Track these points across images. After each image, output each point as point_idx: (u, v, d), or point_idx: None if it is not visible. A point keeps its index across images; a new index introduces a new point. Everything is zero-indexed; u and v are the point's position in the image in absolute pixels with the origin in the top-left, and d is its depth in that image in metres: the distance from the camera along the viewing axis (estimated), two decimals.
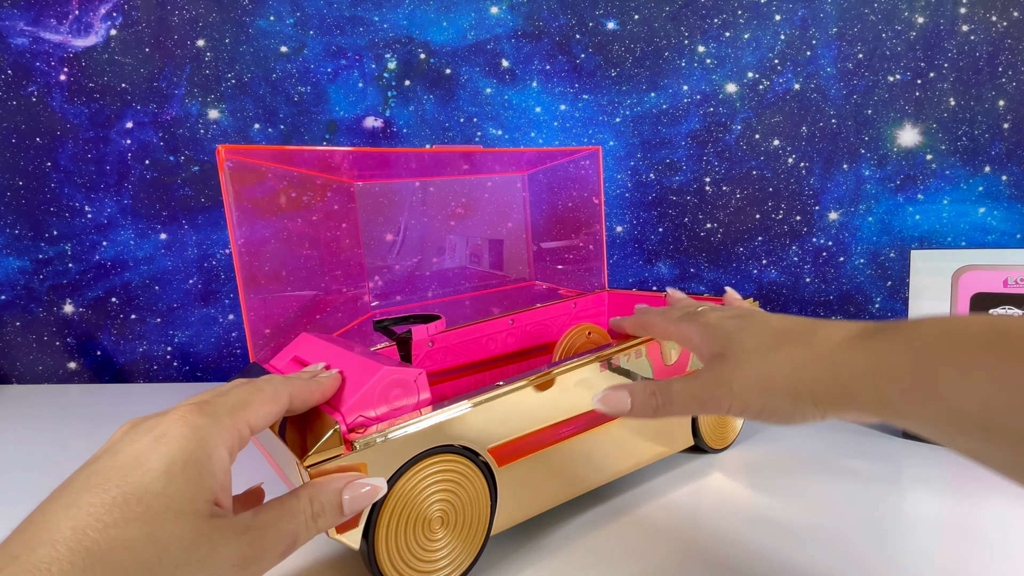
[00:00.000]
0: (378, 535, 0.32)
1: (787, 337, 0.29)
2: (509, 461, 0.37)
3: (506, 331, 0.59)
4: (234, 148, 0.44)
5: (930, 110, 0.72)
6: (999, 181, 0.72)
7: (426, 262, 0.62)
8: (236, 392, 0.27)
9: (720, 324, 0.33)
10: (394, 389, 0.33)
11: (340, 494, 0.28)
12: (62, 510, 0.21)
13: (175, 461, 0.23)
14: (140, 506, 0.21)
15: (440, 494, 0.34)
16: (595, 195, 0.66)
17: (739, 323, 0.32)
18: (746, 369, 0.30)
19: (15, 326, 0.83)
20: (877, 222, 0.75)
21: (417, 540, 0.33)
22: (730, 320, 0.33)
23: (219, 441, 0.25)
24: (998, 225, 0.72)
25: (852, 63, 0.72)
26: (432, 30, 0.76)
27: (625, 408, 0.33)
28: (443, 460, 0.34)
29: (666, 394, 0.32)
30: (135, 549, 0.21)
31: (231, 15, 0.76)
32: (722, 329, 0.32)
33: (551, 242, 0.68)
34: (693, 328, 0.34)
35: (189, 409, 0.25)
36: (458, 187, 0.63)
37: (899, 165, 0.73)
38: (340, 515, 0.28)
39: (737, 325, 0.32)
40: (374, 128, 0.77)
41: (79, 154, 0.79)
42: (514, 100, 0.76)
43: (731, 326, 0.32)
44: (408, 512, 0.33)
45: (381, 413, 0.33)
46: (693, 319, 0.35)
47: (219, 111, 0.77)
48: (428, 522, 0.33)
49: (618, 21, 0.74)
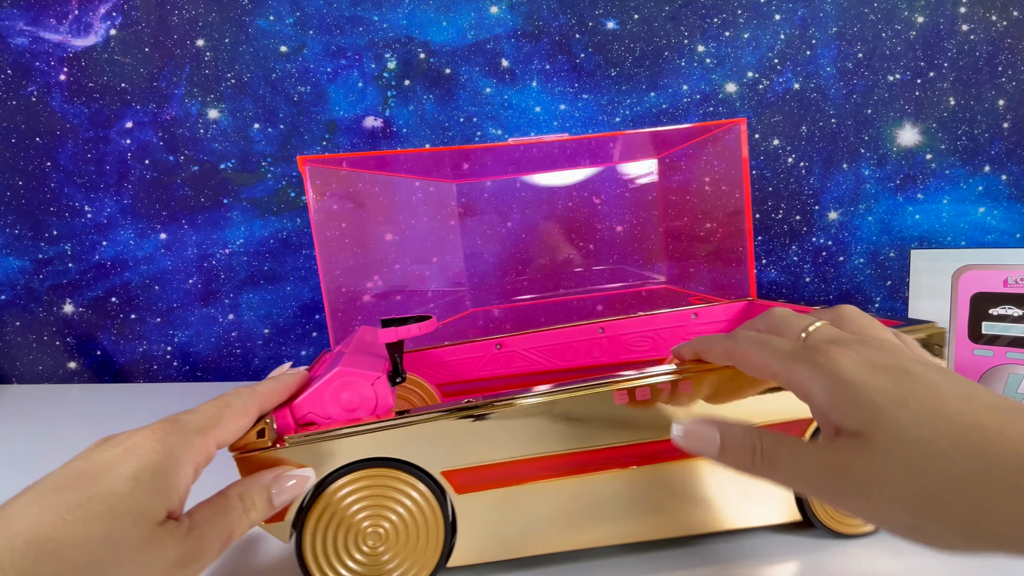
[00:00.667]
0: (304, 536, 0.32)
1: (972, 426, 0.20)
2: (474, 489, 0.32)
3: (592, 340, 0.51)
4: (315, 158, 0.45)
5: (930, 110, 0.72)
6: (999, 181, 0.72)
7: (532, 261, 0.58)
8: (205, 410, 0.28)
9: (862, 379, 0.22)
10: (344, 391, 0.32)
11: (268, 489, 0.29)
12: (25, 507, 0.22)
13: (143, 470, 0.24)
14: (103, 507, 0.22)
15: (374, 508, 0.32)
16: (737, 180, 0.53)
17: (893, 383, 0.22)
18: (899, 472, 0.20)
19: (15, 326, 0.83)
20: (877, 222, 0.74)
21: (347, 549, 0.32)
22: (879, 374, 0.22)
23: (187, 458, 0.26)
24: (998, 225, 0.72)
25: (852, 63, 0.72)
26: (432, 30, 0.76)
27: (713, 451, 0.26)
28: (382, 474, 0.32)
29: (769, 457, 0.24)
30: (90, 548, 0.21)
31: (231, 15, 0.76)
32: (865, 390, 0.22)
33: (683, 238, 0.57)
34: (815, 376, 0.23)
35: (160, 426, 0.26)
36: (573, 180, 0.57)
37: (899, 165, 0.73)
38: (270, 508, 0.29)
39: (891, 386, 0.22)
40: (374, 128, 0.77)
41: (79, 154, 0.79)
42: (514, 100, 0.76)
43: (881, 386, 0.22)
44: (339, 520, 0.32)
45: (335, 414, 0.32)
46: (812, 359, 0.24)
47: (219, 111, 0.77)
48: (360, 534, 0.32)
49: (618, 21, 0.74)
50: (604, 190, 0.59)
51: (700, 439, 0.26)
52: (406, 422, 0.31)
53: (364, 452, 0.31)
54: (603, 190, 0.59)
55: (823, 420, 0.23)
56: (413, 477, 0.32)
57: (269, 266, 0.80)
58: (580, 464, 0.33)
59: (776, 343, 0.26)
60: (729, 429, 0.26)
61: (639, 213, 0.58)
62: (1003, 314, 0.56)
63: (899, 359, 0.23)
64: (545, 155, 0.56)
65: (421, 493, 0.32)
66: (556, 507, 0.33)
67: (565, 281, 0.58)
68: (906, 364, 0.22)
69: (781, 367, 0.25)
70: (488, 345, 0.50)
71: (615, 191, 0.59)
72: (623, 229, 0.58)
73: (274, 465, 0.30)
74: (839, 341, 0.25)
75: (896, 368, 0.22)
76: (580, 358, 0.51)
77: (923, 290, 0.56)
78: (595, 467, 0.33)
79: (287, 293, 0.81)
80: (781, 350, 0.26)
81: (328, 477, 0.31)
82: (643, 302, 0.58)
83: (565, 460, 0.33)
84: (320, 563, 0.32)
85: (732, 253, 0.55)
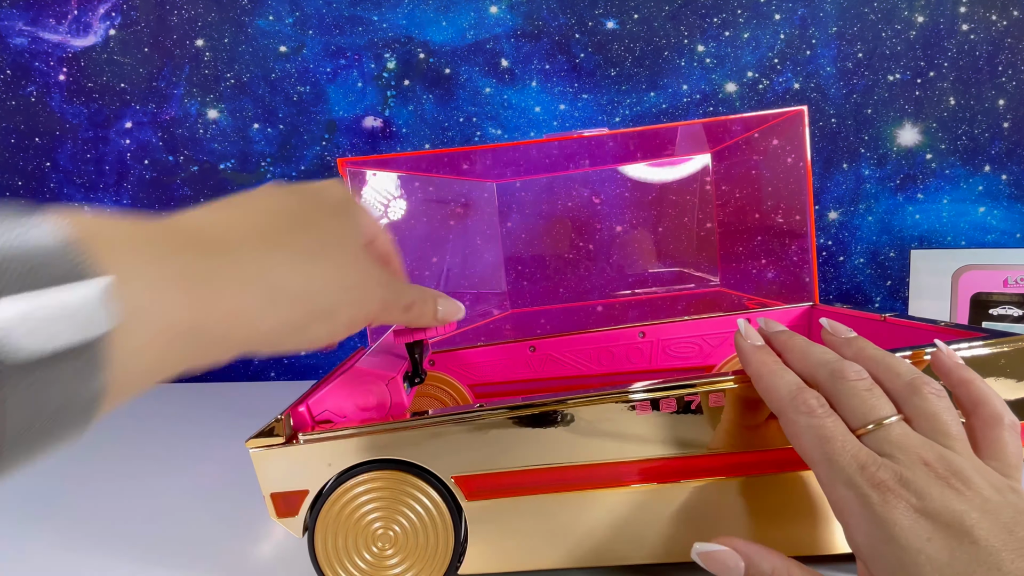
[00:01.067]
0: (317, 533, 0.32)
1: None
2: (486, 496, 0.31)
3: (631, 345, 0.48)
4: (356, 160, 0.45)
5: (930, 109, 0.72)
6: (999, 180, 0.72)
7: (574, 262, 0.56)
8: None
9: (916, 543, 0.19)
10: (358, 390, 0.32)
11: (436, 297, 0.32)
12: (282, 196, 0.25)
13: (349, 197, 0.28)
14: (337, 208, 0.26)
15: (386, 510, 0.32)
16: (798, 174, 0.49)
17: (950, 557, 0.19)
18: None
19: None
20: (877, 222, 0.74)
21: (358, 549, 0.32)
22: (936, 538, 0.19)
23: None
24: (998, 224, 0.72)
25: (852, 62, 0.72)
26: (431, 30, 0.76)
27: None
28: (394, 476, 0.31)
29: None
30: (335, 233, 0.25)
31: (230, 15, 0.76)
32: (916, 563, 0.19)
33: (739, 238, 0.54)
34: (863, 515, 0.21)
35: None
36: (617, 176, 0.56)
37: (899, 164, 0.73)
38: (435, 315, 0.32)
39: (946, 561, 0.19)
40: (373, 128, 0.77)
41: (78, 154, 0.79)
42: (513, 100, 0.76)
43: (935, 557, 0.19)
44: (351, 519, 0.32)
45: (350, 412, 0.32)
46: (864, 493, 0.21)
47: (218, 111, 0.77)
48: (371, 535, 0.32)
49: (617, 20, 0.74)
50: (651, 188, 0.56)
51: (720, 565, 0.24)
52: (418, 424, 0.31)
53: (375, 453, 0.31)
54: (650, 188, 0.56)
55: (859, 557, 0.22)
56: (423, 481, 0.31)
57: None
58: (597, 478, 0.31)
59: (834, 445, 0.22)
60: (755, 559, 0.23)
61: (690, 211, 0.55)
62: (1003, 314, 0.56)
63: (965, 507, 0.20)
64: (587, 151, 0.54)
65: (431, 498, 0.32)
66: (572, 521, 0.32)
67: (611, 284, 0.56)
68: (968, 521, 0.19)
69: (827, 480, 0.22)
70: (522, 347, 0.48)
71: (663, 188, 0.55)
72: (673, 229, 0.56)
73: (289, 461, 0.31)
74: (902, 478, 0.21)
75: (957, 527, 0.19)
76: (618, 363, 0.48)
77: (923, 290, 0.56)
78: (613, 482, 0.31)
79: None
80: (836, 460, 0.22)
81: (341, 476, 0.31)
82: (694, 306, 0.55)
83: (581, 472, 0.31)
84: (332, 561, 0.32)
85: (792, 253, 0.51)
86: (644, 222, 0.57)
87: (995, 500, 0.20)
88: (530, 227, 0.57)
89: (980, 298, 0.55)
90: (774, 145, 0.50)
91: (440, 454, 0.31)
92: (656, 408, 0.30)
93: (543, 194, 0.57)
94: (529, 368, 0.48)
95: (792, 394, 0.24)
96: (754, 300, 0.53)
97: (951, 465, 0.21)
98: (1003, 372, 0.29)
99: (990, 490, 0.20)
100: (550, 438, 0.31)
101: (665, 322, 0.48)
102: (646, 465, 0.30)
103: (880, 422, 0.22)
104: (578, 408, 0.30)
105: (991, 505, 0.20)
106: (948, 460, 0.21)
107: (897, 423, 0.22)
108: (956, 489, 0.20)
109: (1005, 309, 0.54)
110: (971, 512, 0.19)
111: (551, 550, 0.32)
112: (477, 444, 0.31)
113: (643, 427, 0.30)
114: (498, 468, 0.31)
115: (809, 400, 0.24)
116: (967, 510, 0.19)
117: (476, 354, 0.50)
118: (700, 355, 0.48)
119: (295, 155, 0.78)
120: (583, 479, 0.31)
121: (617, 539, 0.31)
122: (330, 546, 0.32)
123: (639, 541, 0.31)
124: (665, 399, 0.30)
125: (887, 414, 0.23)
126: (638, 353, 0.48)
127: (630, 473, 0.30)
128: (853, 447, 0.22)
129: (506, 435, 0.31)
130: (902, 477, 0.21)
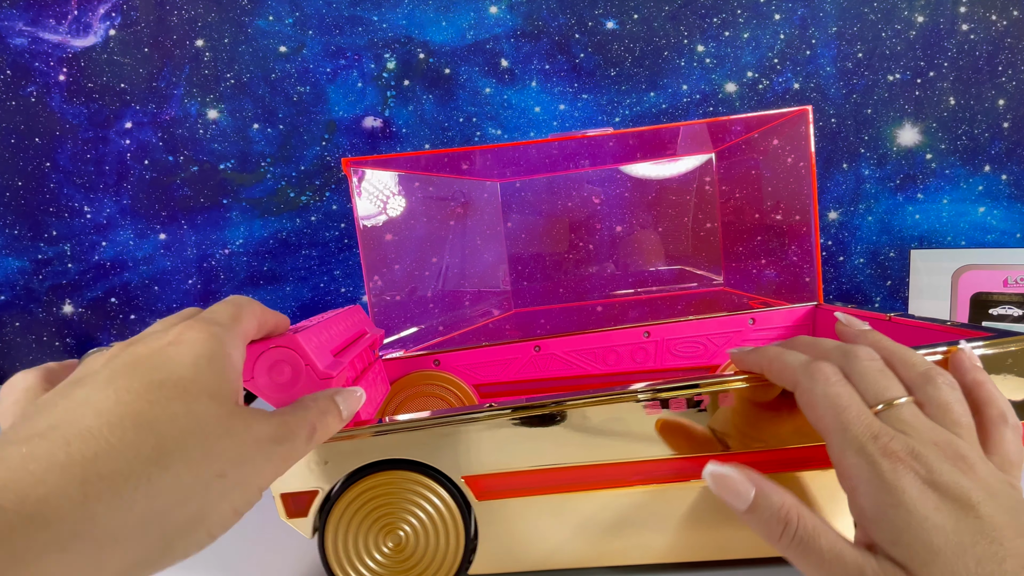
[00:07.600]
0: (327, 533, 0.32)
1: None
2: (496, 496, 0.31)
3: (636, 344, 0.48)
4: (360, 159, 0.45)
5: (930, 109, 0.72)
6: (999, 180, 0.72)
7: (576, 261, 0.56)
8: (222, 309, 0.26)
9: (922, 510, 0.20)
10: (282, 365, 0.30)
11: (334, 397, 0.28)
12: (97, 390, 0.20)
13: (200, 356, 0.22)
14: (176, 389, 0.21)
15: (396, 510, 0.32)
16: (802, 174, 0.49)
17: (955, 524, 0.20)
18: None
19: (15, 326, 0.83)
20: (877, 222, 0.74)
21: (368, 548, 0.32)
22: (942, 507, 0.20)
23: (232, 344, 0.24)
24: (998, 224, 0.72)
25: (852, 62, 0.72)
26: (431, 30, 0.76)
27: (740, 506, 0.24)
28: (404, 476, 0.31)
29: (803, 541, 0.22)
30: (179, 421, 0.20)
31: (230, 15, 0.76)
32: (923, 527, 0.20)
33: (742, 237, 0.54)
34: (871, 482, 0.21)
35: (193, 320, 0.24)
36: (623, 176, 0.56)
37: (899, 164, 0.73)
38: (340, 417, 0.27)
39: (952, 528, 0.20)
40: (373, 128, 0.77)
41: (78, 154, 0.79)
42: (513, 100, 0.76)
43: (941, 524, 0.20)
44: (361, 519, 0.32)
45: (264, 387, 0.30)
46: (876, 461, 0.21)
47: (218, 111, 0.77)
48: (381, 534, 0.32)
49: (617, 21, 0.74)
50: (653, 187, 0.56)
51: (730, 490, 0.24)
52: (427, 424, 0.31)
53: (385, 453, 0.31)
54: (652, 187, 0.56)
55: (861, 523, 0.22)
56: (434, 481, 0.31)
57: (268, 266, 0.80)
58: (608, 477, 0.31)
59: (849, 414, 0.23)
60: (766, 490, 0.24)
61: (693, 211, 0.55)
62: (1003, 314, 0.56)
63: (971, 485, 0.20)
64: (589, 151, 0.54)
65: (441, 498, 0.31)
66: (582, 520, 0.31)
67: (613, 283, 0.56)
68: (975, 497, 0.20)
69: (838, 447, 0.22)
70: (527, 347, 0.48)
71: (666, 188, 0.55)
72: (675, 228, 0.56)
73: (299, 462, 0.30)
74: (914, 450, 0.21)
75: (963, 502, 0.20)
76: (623, 363, 0.48)
77: (923, 290, 0.56)
78: (623, 482, 0.31)
79: (286, 293, 0.81)
80: (850, 428, 0.22)
81: (352, 476, 0.31)
82: (697, 306, 0.55)
83: (591, 472, 0.31)
84: (342, 561, 0.32)
85: (795, 253, 0.51)
86: (647, 222, 0.57)
87: (997, 488, 0.21)
88: (532, 227, 0.57)
89: (980, 298, 0.55)
90: (777, 145, 0.51)
91: (450, 454, 0.31)
92: (666, 407, 0.29)
93: (544, 194, 0.57)
94: (534, 368, 0.49)
95: (805, 364, 0.25)
96: (758, 300, 0.53)
97: (958, 450, 0.22)
98: (1009, 371, 0.29)
99: (993, 479, 0.21)
100: (560, 438, 0.30)
101: (669, 322, 0.48)
102: (656, 465, 0.30)
103: (891, 402, 0.23)
104: (588, 408, 0.30)
105: (994, 491, 0.21)
106: (956, 445, 0.22)
107: (908, 404, 0.23)
108: (962, 470, 0.21)
109: (1005, 309, 0.54)
110: (977, 490, 0.20)
111: (562, 550, 0.32)
112: (487, 444, 0.31)
113: (653, 427, 0.30)
114: (508, 468, 0.31)
115: (824, 368, 0.24)
116: (974, 487, 0.20)
117: (481, 354, 0.50)
118: (705, 355, 0.48)
119: (295, 155, 0.78)
120: (593, 479, 0.31)
121: (627, 539, 0.31)
122: (340, 547, 0.32)
123: (649, 541, 0.31)
124: (674, 399, 0.29)
125: (899, 395, 0.23)
126: (643, 353, 0.48)
127: (640, 473, 0.30)
128: (868, 418, 0.22)
129: (517, 435, 0.30)
130: (913, 450, 0.21)
